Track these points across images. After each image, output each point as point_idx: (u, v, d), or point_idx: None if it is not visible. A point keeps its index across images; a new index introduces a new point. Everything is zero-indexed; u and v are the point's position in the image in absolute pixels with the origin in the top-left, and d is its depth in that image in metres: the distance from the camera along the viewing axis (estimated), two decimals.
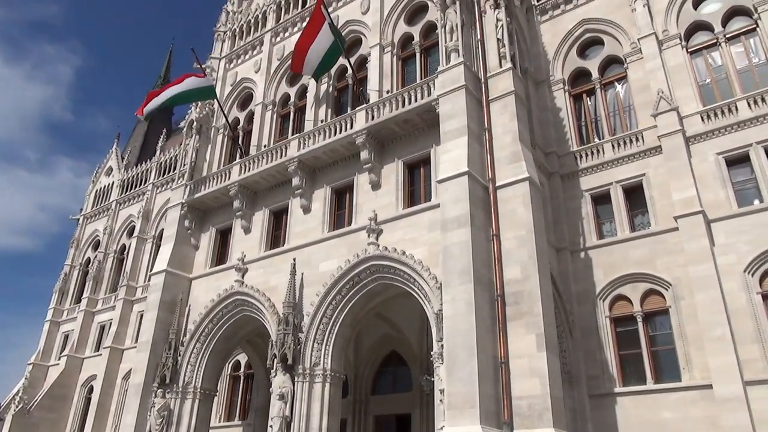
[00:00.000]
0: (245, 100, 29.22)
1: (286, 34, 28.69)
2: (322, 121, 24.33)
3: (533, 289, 16.02)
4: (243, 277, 23.54)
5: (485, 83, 19.54)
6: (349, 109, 24.20)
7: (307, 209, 22.95)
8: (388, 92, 22.51)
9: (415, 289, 18.57)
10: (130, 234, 43.08)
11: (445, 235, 17.16)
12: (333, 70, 25.65)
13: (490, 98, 19.25)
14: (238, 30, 31.35)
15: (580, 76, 25.40)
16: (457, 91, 19.00)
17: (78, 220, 48.43)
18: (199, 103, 29.16)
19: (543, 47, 25.92)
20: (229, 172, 25.42)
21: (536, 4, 26.82)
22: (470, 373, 14.99)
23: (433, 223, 18.84)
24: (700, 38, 22.93)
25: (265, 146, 26.19)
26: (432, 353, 17.30)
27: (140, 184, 44.27)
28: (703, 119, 21.09)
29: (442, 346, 16.15)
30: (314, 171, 23.36)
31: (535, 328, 15.59)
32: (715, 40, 22.44)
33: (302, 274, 21.42)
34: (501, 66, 19.77)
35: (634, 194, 21.93)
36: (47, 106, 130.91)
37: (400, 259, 18.79)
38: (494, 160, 18.25)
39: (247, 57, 30.16)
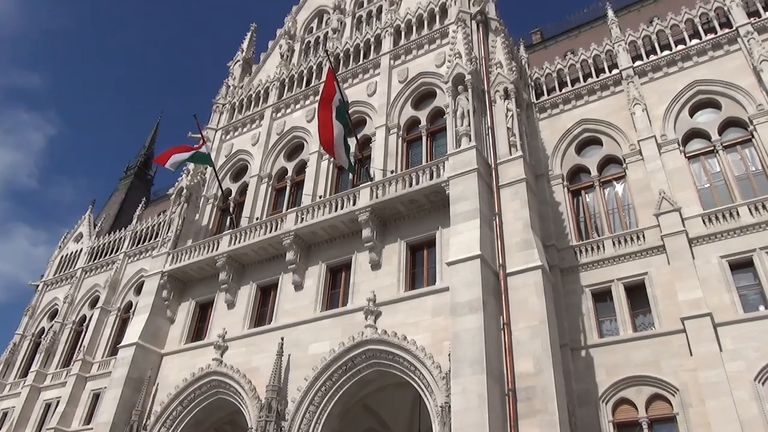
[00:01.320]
0: (239, 171, 28.64)
1: (288, 110, 28.69)
2: (320, 197, 23.75)
3: (548, 385, 14.98)
4: (222, 355, 21.84)
5: (495, 169, 19.41)
6: (350, 187, 23.73)
7: (299, 286, 21.80)
8: (392, 172, 22.22)
9: (416, 378, 17.29)
10: (93, 305, 40.55)
11: (455, 321, 16.20)
12: None
13: (500, 184, 19.04)
14: (237, 103, 31.33)
15: (578, 172, 25.68)
16: (469, 174, 18.77)
17: (37, 286, 45.71)
18: (191, 171, 28.45)
19: (542, 142, 26.31)
20: (218, 242, 24.29)
21: (535, 102, 27.54)
22: None
23: (438, 308, 17.94)
24: (697, 145, 23.55)
25: (257, 219, 25.32)
26: None
27: (111, 253, 42.30)
28: (704, 222, 21.15)
29: None
30: (309, 247, 22.46)
31: (551, 428, 14.40)
32: (712, 148, 23.07)
33: (289, 355, 19.96)
34: (511, 154, 19.76)
35: (636, 293, 21.48)
36: (12, 172, 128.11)
37: (401, 345, 17.62)
38: (504, 246, 17.70)
39: (245, 130, 29.92)
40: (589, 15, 34.30)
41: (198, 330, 24.31)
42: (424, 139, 23.22)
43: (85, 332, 38.77)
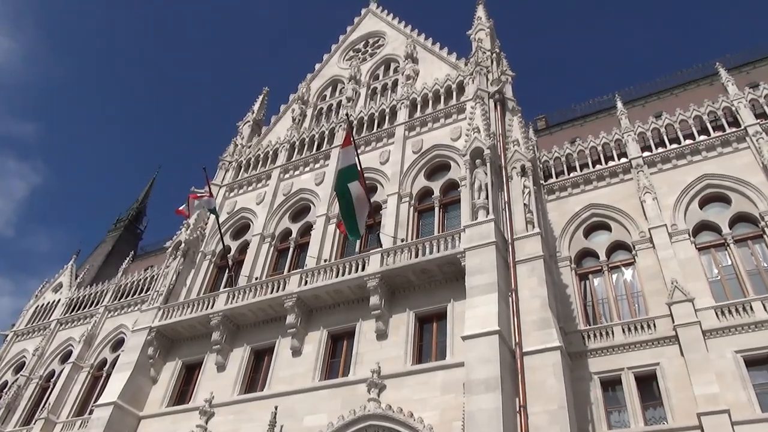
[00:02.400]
0: (240, 229, 27.99)
1: (296, 172, 28.49)
2: (325, 260, 23.06)
3: None
4: (207, 422, 20.36)
5: (512, 244, 19.02)
6: (357, 252, 23.14)
7: (297, 351, 20.69)
8: (402, 240, 21.72)
9: None
10: (65, 359, 38.37)
11: (469, 399, 15.24)
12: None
13: (516, 260, 18.58)
14: (244, 162, 31.13)
15: (585, 255, 25.42)
16: (487, 247, 18.36)
17: (6, 336, 43.38)
18: (191, 225, 27.75)
19: (549, 224, 26.19)
20: (214, 300, 23.25)
21: (544, 183, 27.67)
22: None
23: (448, 385, 16.97)
24: (707, 237, 23.54)
25: (256, 278, 24.43)
26: None
27: (91, 306, 40.49)
28: (717, 315, 20.75)
29: None
30: (311, 311, 21.55)
31: None
32: (722, 241, 23.04)
33: (282, 426, 18.57)
34: (528, 230, 19.46)
35: (647, 383, 20.68)
36: None
37: (407, 422, 16.47)
38: (520, 323, 17.02)
39: (250, 188, 29.55)
40: (595, 106, 35.34)
41: (182, 393, 22.80)
42: (436, 209, 22.93)
43: (52, 389, 36.46)
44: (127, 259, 43.67)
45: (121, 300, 39.03)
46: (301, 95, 33.27)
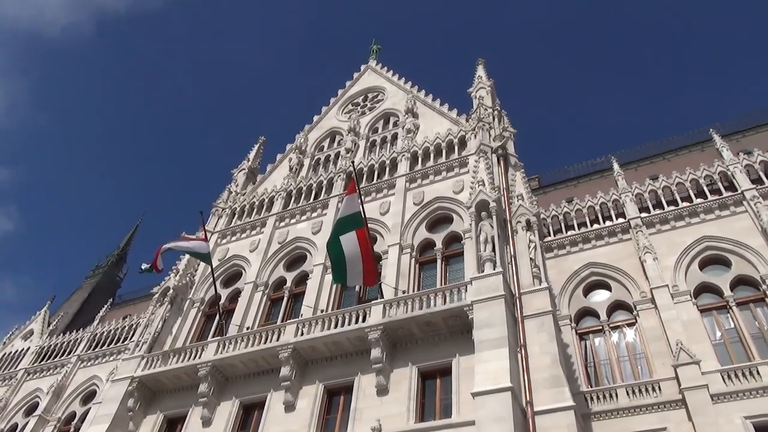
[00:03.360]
0: (231, 277, 27.11)
1: (292, 221, 27.97)
2: (322, 311, 22.24)
3: None
4: None
5: (519, 299, 18.53)
6: (355, 303, 22.41)
7: (290, 406, 19.57)
8: (404, 292, 21.10)
9: None
10: (29, 412, 36.15)
11: None
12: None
13: (524, 315, 18.05)
14: (239, 209, 30.56)
15: (585, 314, 24.99)
16: (496, 300, 17.85)
17: None
18: (180, 271, 26.83)
19: (549, 282, 25.78)
20: (203, 350, 22.13)
21: (541, 241, 27.46)
22: None
23: None
24: (708, 299, 23.33)
25: (248, 328, 23.41)
26: None
27: (62, 355, 38.59)
28: (724, 379, 20.28)
29: None
30: (306, 363, 20.56)
31: None
32: (724, 304, 22.83)
33: None
34: (534, 285, 19.04)
35: None
36: None
37: None
38: (530, 381, 16.32)
39: (243, 235, 28.86)
40: (588, 168, 35.83)
41: None
42: (438, 262, 22.45)
43: None
44: (105, 306, 42.12)
45: (96, 350, 37.30)
46: (299, 145, 33.17)
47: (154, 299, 26.38)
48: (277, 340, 20.84)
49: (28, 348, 41.07)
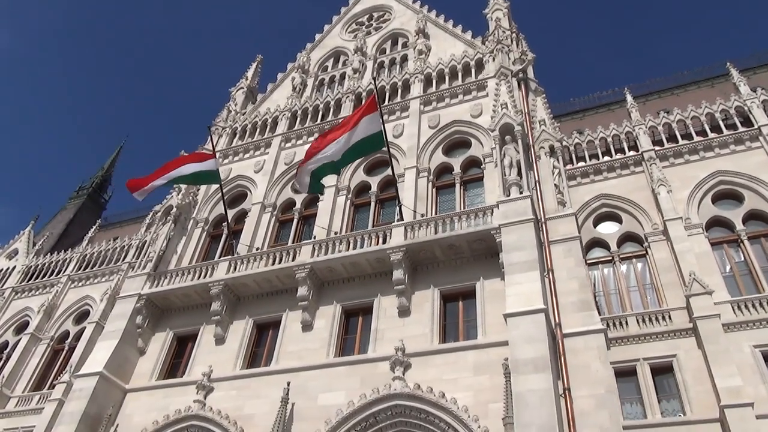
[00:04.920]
0: (236, 198, 26.25)
1: (299, 142, 26.98)
2: (335, 233, 21.74)
3: None
4: (206, 397, 18.75)
5: (545, 224, 18.23)
6: (370, 225, 21.96)
7: (308, 326, 19.35)
8: (422, 215, 20.66)
9: None
10: (20, 330, 35.59)
11: (516, 379, 14.35)
12: (353, 185, 23.82)
13: (550, 240, 17.81)
14: (240, 128, 29.33)
15: (595, 245, 25.04)
16: (526, 224, 17.55)
17: None
18: (183, 190, 25.90)
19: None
20: (214, 268, 21.59)
21: (565, 168, 27.06)
22: None
23: (481, 366, 16.08)
24: (719, 233, 23.49)
25: (257, 248, 22.85)
26: None
27: (51, 275, 37.69)
28: (734, 309, 20.67)
29: None
30: (322, 284, 20.21)
31: None
32: (735, 238, 23.02)
33: (293, 404, 17.23)
34: (559, 210, 18.75)
35: (662, 375, 20.39)
36: None
37: (439, 403, 15.44)
38: (558, 304, 16.24)
39: (246, 156, 27.82)
40: (595, 101, 35.24)
41: (173, 366, 21.08)
42: (457, 186, 21.93)
43: (6, 361, 33.69)
44: (94, 227, 41.00)
45: (87, 270, 36.49)
46: (301, 64, 31.66)
47: (158, 218, 25.49)
48: (293, 260, 20.37)
49: (14, 267, 40.03)
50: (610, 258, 24.33)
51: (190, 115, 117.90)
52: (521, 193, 18.70)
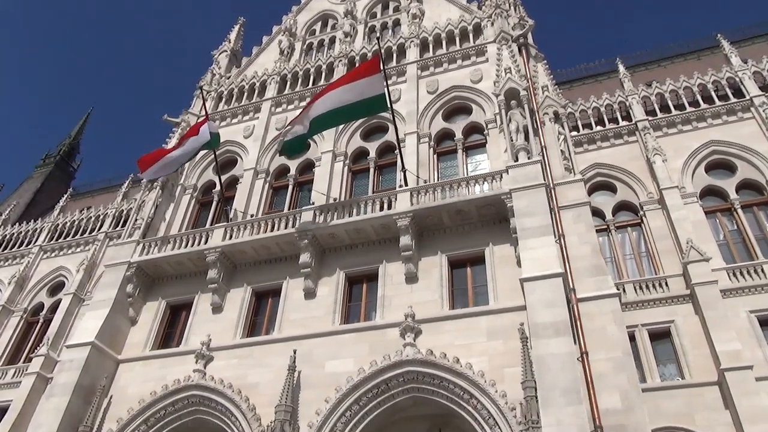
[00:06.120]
0: (225, 164, 25.29)
1: (290, 107, 26.12)
2: (334, 199, 21.16)
3: (640, 424, 13.27)
4: (206, 366, 18.17)
5: (554, 190, 18.04)
6: (370, 192, 21.46)
7: (311, 293, 18.86)
8: (425, 181, 20.24)
9: (469, 408, 14.89)
10: None
11: (537, 343, 14.24)
12: (350, 151, 23.20)
13: (560, 205, 17.64)
14: (226, 93, 28.19)
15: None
16: (537, 189, 17.32)
17: None
18: None
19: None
20: (209, 235, 20.79)
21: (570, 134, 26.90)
22: None
23: (494, 331, 15.92)
24: (713, 202, 23.82)
25: (251, 215, 22.10)
26: None
27: (21, 246, 36.05)
28: (729, 276, 21.02)
29: None
30: (324, 252, 19.68)
31: None
32: (728, 207, 23.37)
33: (299, 372, 16.82)
34: (566, 176, 18.58)
35: (660, 341, 20.68)
36: None
37: (454, 369, 15.23)
38: (571, 269, 16.14)
39: (234, 120, 26.81)
40: (581, 72, 35.19)
41: (167, 336, 20.37)
42: (459, 152, 21.54)
43: None
44: (65, 196, 39.28)
45: (59, 240, 35.00)
46: (288, 27, 30.52)
47: (143, 184, 24.39)
48: (293, 226, 19.73)
49: None
50: (605, 227, 24.44)
51: (161, 79, 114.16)
52: (529, 158, 18.44)
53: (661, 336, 20.69)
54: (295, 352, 16.91)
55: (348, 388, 15.86)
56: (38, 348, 28.34)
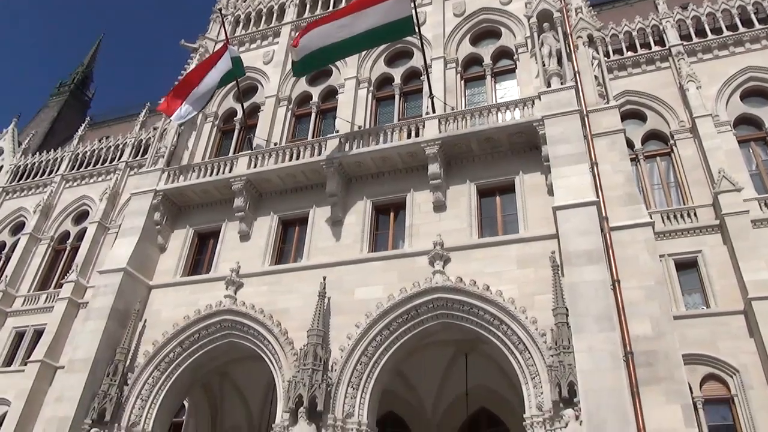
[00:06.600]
0: (245, 91, 24.72)
1: None
2: (359, 127, 20.79)
3: (671, 350, 13.38)
4: (236, 292, 18.49)
5: (587, 116, 17.53)
6: (395, 119, 21.05)
7: (338, 222, 18.86)
8: (452, 108, 19.76)
9: (499, 334, 15.12)
10: (16, 231, 34.74)
11: (570, 271, 14.24)
12: (374, 77, 22.59)
13: (593, 133, 17.20)
14: (243, 17, 27.25)
15: None
16: (571, 115, 16.83)
17: None
18: None
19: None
20: (233, 164, 20.67)
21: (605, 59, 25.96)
22: None
23: (525, 259, 15.91)
24: (747, 131, 23.19)
25: (275, 144, 21.87)
26: (529, 416, 13.85)
27: (42, 175, 36.26)
28: (761, 206, 20.72)
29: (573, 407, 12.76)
30: (350, 180, 19.53)
31: (680, 398, 12.84)
32: (763, 136, 22.75)
33: (329, 298, 17.06)
34: (601, 102, 18.01)
35: (685, 271, 20.67)
36: None
37: (484, 295, 15.35)
38: (605, 198, 15.90)
39: (253, 46, 26.08)
40: None
41: (196, 263, 20.66)
42: (488, 78, 20.89)
43: (6, 261, 33.01)
44: (83, 125, 39.09)
45: (81, 170, 35.13)
46: None
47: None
48: (318, 155, 19.50)
49: (1, 167, 38.34)
50: (634, 156, 23.93)
51: (172, 3, 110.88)
52: (562, 83, 17.83)
53: (687, 266, 20.65)
54: (324, 279, 17.09)
55: (378, 313, 16.10)
56: (67, 275, 29.02)
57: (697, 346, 18.81)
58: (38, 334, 27.88)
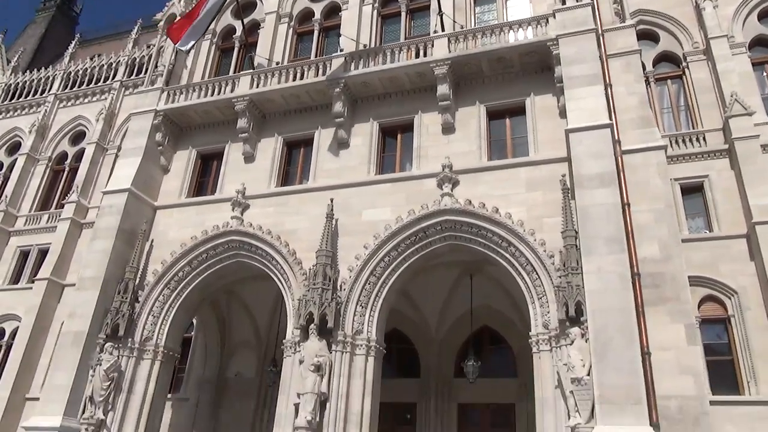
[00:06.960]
0: (244, 6, 23.66)
1: None
2: (364, 46, 20.09)
3: (677, 272, 13.60)
4: (242, 214, 18.48)
5: (602, 36, 16.96)
6: (402, 38, 20.33)
7: (344, 144, 18.61)
8: (462, 27, 19.05)
9: (507, 255, 15.28)
10: (11, 151, 34.20)
11: (581, 194, 14.21)
12: None
13: (608, 53, 16.69)
14: None
15: None
16: (586, 35, 16.27)
17: None
18: (183, 0, 23.24)
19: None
20: (235, 83, 20.11)
21: None
22: (631, 362, 12.24)
23: (534, 182, 15.85)
24: (762, 53, 22.58)
25: (277, 63, 21.20)
26: (535, 334, 14.24)
27: (35, 94, 35.28)
28: None
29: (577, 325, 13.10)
30: (356, 101, 19.09)
31: (683, 318, 13.17)
32: None
33: (336, 220, 17.08)
34: (616, 22, 17.38)
35: (690, 195, 20.71)
36: None
37: (493, 218, 15.39)
38: (617, 121, 15.65)
39: None
40: None
41: (200, 185, 20.53)
42: None
43: (5, 182, 32.73)
44: (73, 43, 37.66)
45: (74, 89, 34.17)
46: None
47: (160, 27, 23.16)
48: (323, 74, 18.95)
49: None
50: (645, 78, 23.34)
51: None
52: (578, 0, 17.11)
53: (692, 190, 20.64)
54: (332, 201, 17.05)
55: (387, 235, 16.18)
56: (68, 195, 28.86)
57: (698, 269, 19.03)
58: (42, 253, 28.08)
